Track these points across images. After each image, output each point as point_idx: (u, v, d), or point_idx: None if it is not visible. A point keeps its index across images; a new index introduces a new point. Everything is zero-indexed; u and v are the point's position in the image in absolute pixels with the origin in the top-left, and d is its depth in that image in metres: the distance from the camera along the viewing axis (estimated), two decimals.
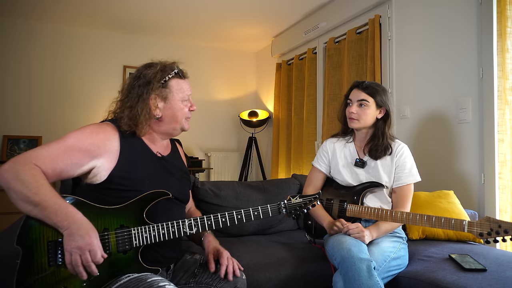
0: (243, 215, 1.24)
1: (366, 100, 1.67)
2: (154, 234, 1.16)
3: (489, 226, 1.28)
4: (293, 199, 1.30)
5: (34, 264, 1.03)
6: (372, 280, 1.34)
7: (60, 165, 1.10)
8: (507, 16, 1.97)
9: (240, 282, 1.34)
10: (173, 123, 1.31)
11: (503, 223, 1.26)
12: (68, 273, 1.04)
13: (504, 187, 1.98)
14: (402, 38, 2.67)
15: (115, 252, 1.11)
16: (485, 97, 2.07)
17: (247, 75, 5.03)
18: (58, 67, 3.99)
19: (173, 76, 1.31)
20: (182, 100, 1.31)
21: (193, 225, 1.21)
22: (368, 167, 1.71)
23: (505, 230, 1.25)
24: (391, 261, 1.52)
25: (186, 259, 1.40)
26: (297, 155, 3.86)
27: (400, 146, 1.71)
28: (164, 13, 3.65)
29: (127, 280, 1.09)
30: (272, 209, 1.27)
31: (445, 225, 1.39)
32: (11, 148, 3.65)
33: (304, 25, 3.74)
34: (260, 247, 1.87)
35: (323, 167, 1.83)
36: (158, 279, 1.08)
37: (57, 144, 1.12)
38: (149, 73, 1.28)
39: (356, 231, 1.52)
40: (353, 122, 1.70)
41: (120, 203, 1.16)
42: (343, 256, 1.41)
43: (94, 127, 1.20)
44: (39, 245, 1.04)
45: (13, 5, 3.46)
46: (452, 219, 1.39)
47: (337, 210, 1.72)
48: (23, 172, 1.02)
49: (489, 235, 1.27)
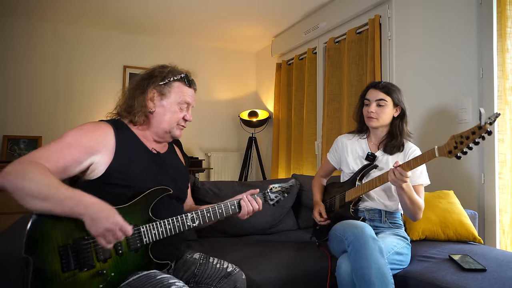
0: (235, 205, 1.36)
1: (384, 99, 1.72)
2: (162, 230, 1.19)
3: (454, 141, 1.32)
4: (273, 188, 1.47)
5: (47, 272, 1.01)
6: (383, 259, 1.37)
7: (61, 163, 1.10)
8: (507, 16, 1.97)
9: (239, 282, 1.34)
10: (163, 123, 1.32)
11: (463, 133, 1.30)
12: (85, 277, 1.05)
13: (504, 187, 1.98)
14: (402, 38, 2.67)
15: (127, 251, 1.14)
16: (485, 97, 2.07)
17: (247, 75, 5.03)
18: (58, 67, 3.99)
19: (179, 79, 1.34)
20: (178, 104, 1.33)
21: (195, 218, 1.27)
22: (379, 161, 1.76)
23: (467, 137, 1.28)
24: (394, 254, 1.54)
25: (186, 258, 1.40)
26: (297, 155, 3.86)
27: (413, 148, 1.76)
28: (164, 13, 3.65)
29: (136, 278, 1.11)
30: (258, 197, 1.41)
31: (421, 161, 1.44)
32: (11, 148, 3.65)
33: (304, 25, 3.74)
34: (260, 247, 1.87)
35: (333, 160, 1.95)
36: (167, 277, 1.10)
37: (56, 144, 1.13)
38: (158, 70, 1.34)
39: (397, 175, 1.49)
40: (372, 121, 1.75)
41: (118, 199, 1.16)
42: (356, 235, 1.42)
43: (89, 125, 1.22)
44: (49, 252, 1.03)
45: (14, 5, 3.46)
46: (425, 152, 1.44)
47: (338, 202, 1.78)
48: (29, 170, 1.01)
49: (456, 148, 1.31)
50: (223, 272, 1.34)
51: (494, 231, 2.01)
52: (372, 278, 1.31)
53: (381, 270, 1.33)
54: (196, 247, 1.83)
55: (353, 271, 1.37)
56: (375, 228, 1.70)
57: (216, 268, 1.35)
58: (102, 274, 1.08)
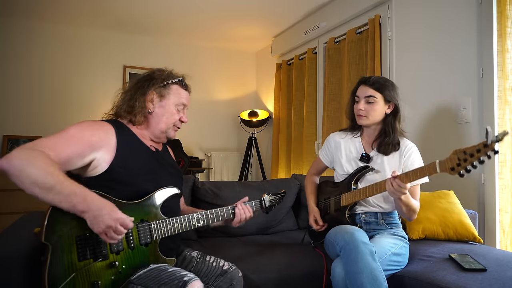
0: (235, 210, 1.43)
1: (374, 96, 1.64)
2: (170, 227, 1.26)
3: (457, 157, 1.22)
4: (267, 197, 1.55)
5: (64, 260, 1.06)
6: (375, 263, 1.34)
7: (64, 154, 1.10)
8: (507, 16, 1.97)
9: (236, 279, 1.36)
10: (160, 124, 1.37)
11: (467, 149, 1.20)
12: (99, 267, 1.10)
13: (504, 187, 1.98)
14: (402, 38, 2.67)
15: (138, 245, 1.19)
16: (485, 97, 2.07)
17: (247, 75, 5.03)
18: (58, 67, 3.99)
19: (176, 82, 1.41)
20: (176, 105, 1.40)
21: (200, 218, 1.34)
22: (374, 162, 1.69)
23: (471, 154, 1.18)
24: (391, 256, 1.51)
25: (185, 256, 1.43)
26: (297, 155, 3.86)
27: (409, 146, 1.68)
28: (164, 13, 3.65)
29: (148, 270, 1.15)
30: (255, 203, 1.52)
31: (421, 174, 1.36)
32: (11, 148, 3.65)
33: (304, 25, 3.74)
34: (260, 247, 1.87)
35: (325, 159, 1.87)
36: (178, 269, 1.15)
37: (60, 135, 1.14)
38: (157, 72, 1.41)
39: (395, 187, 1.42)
40: (361, 119, 1.68)
41: (120, 195, 1.19)
42: (346, 240, 1.40)
43: (91, 122, 1.25)
44: (67, 240, 1.07)
45: (13, 5, 3.46)
46: (425, 165, 1.35)
47: (333, 204, 1.73)
48: (34, 156, 1.01)
49: (459, 166, 1.21)
50: (220, 270, 1.36)
51: (494, 231, 2.01)
52: (364, 283, 1.30)
53: (373, 274, 1.31)
54: (196, 247, 1.83)
55: (346, 276, 1.35)
56: (372, 231, 1.68)
57: (212, 266, 1.38)
58: (115, 266, 1.12)
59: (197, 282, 1.08)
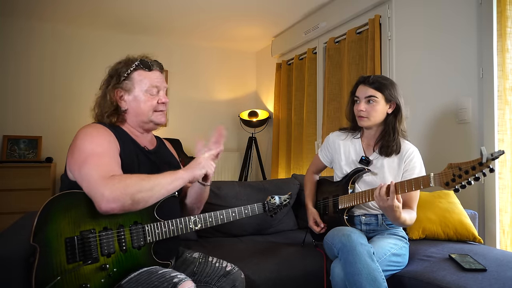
0: (236, 213, 1.39)
1: (374, 96, 1.59)
2: (165, 230, 1.22)
3: (452, 172, 1.22)
4: (272, 200, 1.51)
5: (53, 262, 1.04)
6: (373, 264, 1.34)
7: (116, 169, 1.15)
8: (507, 16, 1.97)
9: (238, 281, 1.35)
10: (140, 116, 1.33)
11: (462, 165, 1.20)
12: (88, 270, 1.07)
13: (504, 187, 1.98)
14: (402, 38, 2.67)
15: (131, 248, 1.16)
16: (485, 97, 2.07)
17: (247, 75, 5.03)
18: (58, 67, 3.99)
19: (135, 68, 1.32)
20: (146, 91, 1.31)
21: (197, 221, 1.30)
22: (374, 166, 1.66)
23: (466, 171, 1.18)
24: (391, 256, 1.51)
25: (186, 257, 1.41)
26: (297, 155, 3.86)
27: (410, 150, 1.64)
28: (165, 13, 3.64)
29: (138, 273, 1.12)
30: (258, 207, 1.45)
31: (415, 186, 1.36)
32: (11, 148, 3.65)
33: (304, 25, 3.74)
34: (260, 247, 1.87)
35: (325, 159, 1.87)
36: (168, 271, 1.12)
37: (95, 157, 1.13)
38: (114, 68, 1.35)
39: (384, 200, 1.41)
40: (362, 120, 1.63)
41: None
42: (343, 242, 1.39)
43: (94, 130, 1.23)
44: (56, 242, 1.05)
45: (13, 5, 3.46)
46: (420, 177, 1.35)
47: (332, 206, 1.73)
48: (117, 181, 1.06)
49: (454, 181, 1.21)
50: (222, 271, 1.35)
51: (494, 231, 2.01)
52: (363, 284, 1.29)
53: (371, 275, 1.31)
54: (196, 247, 1.83)
55: (345, 277, 1.35)
56: (371, 232, 1.68)
57: (215, 267, 1.36)
58: (105, 269, 1.09)
59: (188, 283, 1.05)
